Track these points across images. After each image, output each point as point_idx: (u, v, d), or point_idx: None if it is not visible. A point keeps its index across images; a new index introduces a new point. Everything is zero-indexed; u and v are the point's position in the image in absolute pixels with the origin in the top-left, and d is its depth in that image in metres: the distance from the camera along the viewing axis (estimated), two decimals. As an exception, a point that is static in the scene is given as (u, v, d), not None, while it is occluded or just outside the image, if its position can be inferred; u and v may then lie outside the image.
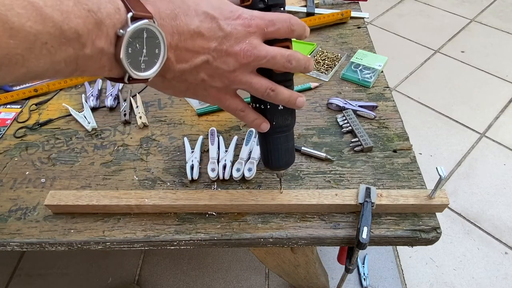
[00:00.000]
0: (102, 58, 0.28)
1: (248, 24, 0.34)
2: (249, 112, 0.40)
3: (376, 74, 0.70)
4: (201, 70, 0.34)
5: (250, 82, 0.36)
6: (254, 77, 0.36)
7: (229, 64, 0.34)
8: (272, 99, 0.38)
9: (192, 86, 0.36)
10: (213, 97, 0.38)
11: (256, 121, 0.40)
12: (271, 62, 0.35)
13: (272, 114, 0.41)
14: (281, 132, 0.43)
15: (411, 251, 1.23)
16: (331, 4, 0.89)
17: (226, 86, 0.37)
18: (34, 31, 0.24)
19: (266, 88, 0.37)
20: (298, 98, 0.39)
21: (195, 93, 0.38)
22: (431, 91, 1.76)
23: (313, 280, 0.96)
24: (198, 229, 0.50)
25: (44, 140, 0.64)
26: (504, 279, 1.15)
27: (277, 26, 0.35)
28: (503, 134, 1.55)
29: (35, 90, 0.72)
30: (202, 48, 0.33)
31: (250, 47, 0.34)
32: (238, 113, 0.40)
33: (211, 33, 0.33)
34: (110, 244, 0.50)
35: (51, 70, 0.26)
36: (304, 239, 0.49)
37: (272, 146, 0.45)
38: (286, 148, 0.45)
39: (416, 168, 0.55)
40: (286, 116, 0.42)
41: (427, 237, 0.48)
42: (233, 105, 0.39)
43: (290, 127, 0.44)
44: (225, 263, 1.21)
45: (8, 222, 0.52)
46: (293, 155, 0.47)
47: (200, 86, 0.36)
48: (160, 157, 0.60)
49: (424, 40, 2.05)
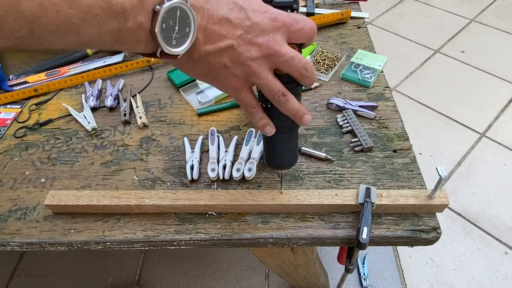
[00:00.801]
0: (140, 32, 0.31)
1: (274, 18, 0.36)
2: (259, 111, 0.41)
3: (376, 74, 0.70)
4: (224, 54, 0.36)
5: (267, 79, 0.37)
6: (271, 76, 0.38)
7: (251, 52, 0.36)
8: (281, 104, 0.39)
9: (214, 70, 0.37)
10: (232, 86, 0.39)
11: (262, 121, 0.42)
12: (289, 63, 0.37)
13: (274, 114, 0.42)
14: (282, 131, 0.43)
15: (411, 251, 1.23)
16: (331, 4, 0.89)
17: (246, 77, 0.38)
18: (88, 3, 0.27)
19: (278, 91, 0.38)
20: (305, 115, 0.41)
21: (215, 78, 0.39)
22: (431, 91, 1.76)
23: (313, 280, 0.96)
24: (198, 229, 0.50)
25: (44, 140, 0.64)
26: (504, 279, 1.15)
27: (300, 26, 0.37)
28: (503, 134, 1.55)
29: (35, 90, 0.72)
30: (228, 33, 0.35)
31: (274, 40, 0.36)
32: (249, 109, 0.41)
33: (239, 21, 0.35)
34: (110, 244, 0.50)
35: (97, 39, 0.30)
36: (304, 239, 0.49)
37: (274, 145, 0.45)
38: (288, 148, 0.45)
39: (416, 168, 0.55)
40: (286, 118, 0.42)
41: (427, 237, 0.48)
42: (247, 100, 0.40)
43: (292, 128, 0.44)
44: (225, 263, 1.21)
45: (8, 222, 0.52)
46: (295, 155, 0.47)
47: (221, 72, 0.37)
48: (160, 157, 0.60)
49: (424, 40, 2.05)
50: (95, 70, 0.74)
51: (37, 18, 0.26)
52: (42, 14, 0.26)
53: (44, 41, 0.27)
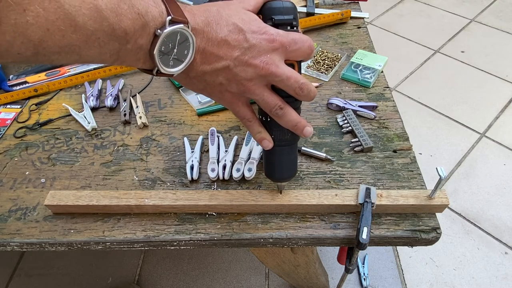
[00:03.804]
0: (139, 52, 0.33)
1: (272, 39, 0.36)
2: (255, 124, 0.42)
3: (376, 74, 0.70)
4: (220, 74, 0.37)
5: (262, 95, 0.38)
6: (267, 91, 0.38)
7: (247, 73, 0.37)
8: (279, 118, 0.40)
9: (209, 86, 0.39)
10: (227, 101, 0.40)
11: (259, 135, 0.42)
12: (285, 83, 0.37)
13: (273, 127, 0.42)
14: (282, 144, 0.43)
15: (411, 251, 1.23)
16: (331, 4, 0.89)
17: (240, 93, 0.39)
18: (92, 29, 0.28)
19: (275, 105, 0.39)
20: (306, 126, 0.41)
21: (211, 94, 0.40)
22: (431, 91, 1.76)
23: (313, 280, 0.96)
24: (198, 229, 0.50)
25: (44, 140, 0.64)
26: (504, 279, 1.15)
27: (298, 46, 0.38)
28: (503, 134, 1.55)
29: (35, 90, 0.72)
30: (226, 55, 0.36)
31: (270, 61, 0.36)
32: (245, 122, 0.42)
33: (236, 43, 0.36)
34: (110, 244, 0.50)
35: (97, 58, 0.31)
36: (304, 239, 0.49)
37: (274, 158, 0.45)
38: (288, 161, 0.46)
39: (416, 168, 0.55)
40: (286, 131, 0.42)
41: (427, 237, 0.48)
42: (243, 113, 0.41)
43: (292, 141, 0.44)
44: (225, 263, 1.21)
45: (8, 222, 0.52)
46: (295, 168, 0.47)
47: (216, 88, 0.39)
48: (160, 157, 0.60)
49: (424, 40, 2.05)
50: (95, 70, 0.74)
51: (43, 42, 0.27)
52: (48, 39, 0.27)
53: (47, 60, 0.29)
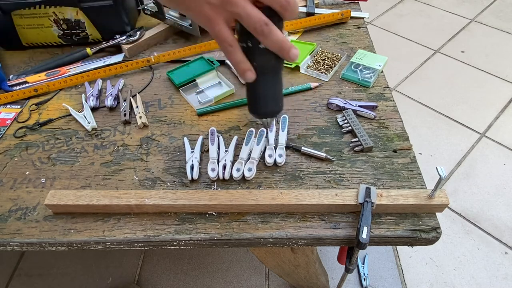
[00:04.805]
0: None
1: None
2: (237, 50, 0.37)
3: (376, 74, 0.70)
4: None
5: (244, 6, 0.34)
6: (250, 4, 0.34)
7: None
8: (265, 36, 0.35)
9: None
10: (205, 16, 0.35)
11: (241, 65, 0.38)
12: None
13: (256, 52, 0.38)
14: (266, 74, 0.40)
15: (411, 251, 1.23)
16: (331, 4, 0.89)
17: (221, 5, 0.34)
18: None
19: (260, 20, 0.34)
20: (292, 47, 0.36)
21: (189, 6, 0.36)
22: (431, 91, 1.76)
23: (313, 280, 0.96)
24: (198, 229, 0.50)
25: (44, 140, 0.64)
26: (504, 279, 1.15)
27: None
28: (503, 134, 1.55)
29: (35, 90, 0.72)
30: None
31: None
32: (226, 47, 0.37)
33: None
34: (110, 244, 0.50)
35: None
36: (304, 239, 0.49)
37: (258, 90, 0.41)
38: (274, 93, 0.42)
39: (416, 168, 0.55)
40: (269, 56, 0.38)
41: (427, 237, 0.48)
42: (224, 34, 0.36)
43: (277, 68, 0.40)
44: (225, 263, 1.21)
45: (8, 222, 0.52)
46: (281, 101, 0.43)
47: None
48: (160, 157, 0.60)
49: (424, 40, 2.05)
50: (95, 70, 0.74)
51: None
52: None
53: None
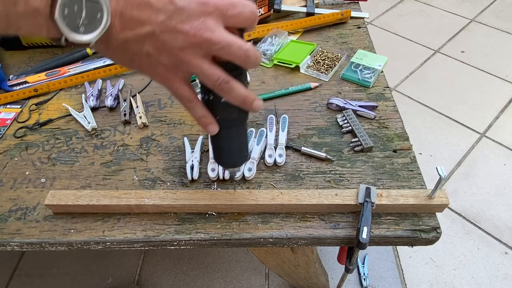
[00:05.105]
0: (38, 17, 0.28)
1: (204, 2, 0.32)
2: (198, 105, 0.37)
3: (376, 74, 0.70)
4: (145, 42, 0.32)
5: (201, 67, 0.33)
6: (206, 63, 0.33)
7: (177, 41, 0.32)
8: (226, 93, 0.35)
9: (137, 58, 0.34)
10: (161, 76, 0.35)
11: (203, 119, 0.38)
12: (226, 50, 0.33)
13: (218, 106, 0.37)
14: (229, 126, 0.40)
15: (411, 251, 1.23)
16: (331, 4, 0.89)
17: (175, 66, 0.34)
18: None
19: (218, 78, 0.34)
20: (255, 100, 0.36)
21: (141, 67, 0.35)
22: (431, 91, 1.76)
23: (313, 280, 0.96)
24: (198, 229, 0.50)
25: (44, 140, 0.64)
26: (504, 279, 1.15)
27: (238, 10, 0.33)
28: (503, 134, 1.55)
29: (35, 90, 0.72)
30: (149, 19, 0.31)
31: (204, 27, 0.31)
32: (186, 103, 0.37)
33: (160, 5, 0.31)
34: (110, 244, 0.50)
35: None
36: (304, 239, 0.49)
37: (222, 143, 0.41)
38: (239, 144, 0.42)
39: (416, 168, 0.55)
40: (232, 109, 0.37)
41: (427, 237, 0.48)
42: (181, 92, 0.36)
43: (240, 121, 0.40)
44: (225, 263, 1.21)
45: (8, 222, 0.52)
46: (245, 152, 0.43)
47: (145, 60, 0.34)
48: (160, 157, 0.60)
49: (424, 40, 2.05)
50: (95, 70, 0.74)
51: None
52: None
53: None
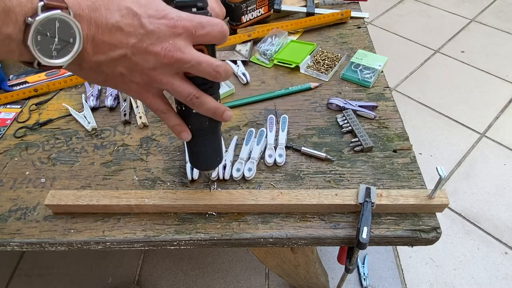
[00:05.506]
0: (10, 43, 0.29)
1: (173, 24, 0.33)
2: (171, 116, 0.39)
3: (376, 74, 0.70)
4: (118, 64, 0.34)
5: (172, 84, 0.35)
6: (178, 80, 0.36)
7: (148, 62, 0.34)
8: (196, 107, 0.38)
9: (110, 78, 0.36)
10: (134, 92, 0.37)
11: (176, 127, 0.40)
12: (196, 68, 0.35)
13: (190, 116, 0.40)
14: (202, 134, 0.42)
15: (411, 251, 1.23)
16: (331, 4, 0.89)
17: (148, 84, 0.36)
18: None
19: (189, 94, 0.36)
20: (225, 111, 0.39)
21: (115, 85, 0.37)
22: (431, 91, 1.76)
23: (313, 280, 0.96)
24: (198, 229, 0.50)
25: (44, 140, 0.64)
26: (504, 279, 1.15)
27: (206, 30, 0.35)
28: (503, 134, 1.55)
29: (35, 90, 0.72)
30: (120, 43, 0.33)
31: (173, 48, 0.33)
32: (160, 115, 0.39)
33: (131, 29, 0.32)
34: (110, 244, 0.50)
35: None
36: (304, 239, 0.49)
37: (196, 149, 0.44)
38: (211, 150, 0.45)
39: (416, 168, 0.55)
40: (203, 119, 0.40)
41: (427, 237, 0.48)
42: (155, 105, 0.38)
43: (212, 129, 0.43)
44: (225, 263, 1.21)
45: (8, 222, 0.52)
46: (219, 155, 0.46)
47: (119, 79, 0.36)
48: (160, 157, 0.60)
49: (424, 40, 2.05)
50: (95, 70, 0.74)
51: None
52: None
53: None
